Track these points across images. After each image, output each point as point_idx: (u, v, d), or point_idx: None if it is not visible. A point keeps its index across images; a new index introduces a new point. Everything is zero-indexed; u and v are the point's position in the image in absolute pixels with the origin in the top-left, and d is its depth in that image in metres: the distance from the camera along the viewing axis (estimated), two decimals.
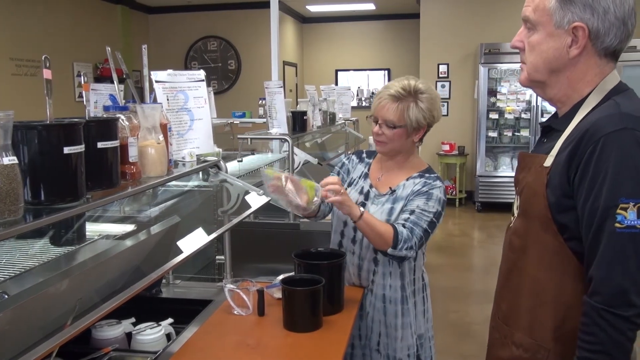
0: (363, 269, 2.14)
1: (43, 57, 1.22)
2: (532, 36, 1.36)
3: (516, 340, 1.42)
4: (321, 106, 4.42)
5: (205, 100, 2.02)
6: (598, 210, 1.23)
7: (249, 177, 3.57)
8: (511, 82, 8.24)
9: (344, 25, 11.06)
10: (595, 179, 1.23)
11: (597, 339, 1.23)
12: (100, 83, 1.87)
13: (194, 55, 10.10)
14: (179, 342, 1.86)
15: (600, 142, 1.23)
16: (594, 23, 1.28)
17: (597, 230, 1.24)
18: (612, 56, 1.35)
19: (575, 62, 1.33)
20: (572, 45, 1.31)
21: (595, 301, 1.23)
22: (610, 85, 1.34)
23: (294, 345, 1.80)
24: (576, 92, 1.36)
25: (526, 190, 1.40)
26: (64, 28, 7.43)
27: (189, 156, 1.92)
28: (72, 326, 1.21)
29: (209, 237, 1.84)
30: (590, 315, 1.24)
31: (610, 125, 1.23)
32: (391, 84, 2.08)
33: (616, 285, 1.21)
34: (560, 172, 1.30)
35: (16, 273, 1.45)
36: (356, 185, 2.20)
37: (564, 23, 1.30)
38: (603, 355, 1.23)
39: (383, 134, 2.07)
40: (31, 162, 1.12)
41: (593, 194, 1.24)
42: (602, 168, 1.22)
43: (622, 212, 1.21)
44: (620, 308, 1.20)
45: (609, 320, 1.21)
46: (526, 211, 1.41)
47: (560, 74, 1.35)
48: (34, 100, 3.55)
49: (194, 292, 2.41)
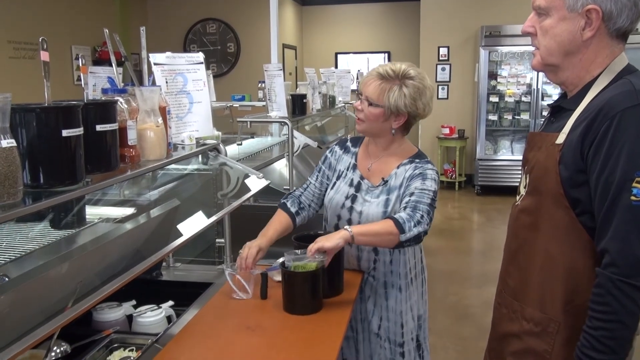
0: (362, 258, 2.14)
1: (40, 39, 1.21)
2: (545, 20, 1.38)
3: (527, 315, 1.45)
4: (321, 89, 4.41)
5: (204, 83, 2.01)
6: (613, 183, 1.25)
7: (248, 161, 3.57)
8: (512, 65, 8.20)
9: (344, 8, 10.98)
10: (610, 153, 1.26)
11: (611, 309, 1.26)
12: (99, 66, 1.86)
13: (192, 38, 10.03)
14: (180, 324, 1.87)
15: (616, 117, 1.25)
16: (607, 5, 1.30)
17: (612, 203, 1.26)
18: (622, 37, 1.37)
19: (588, 44, 1.35)
20: (586, 27, 1.33)
21: (612, 272, 1.25)
22: (619, 66, 1.37)
23: (294, 328, 1.81)
24: (588, 73, 1.39)
25: (537, 168, 1.43)
26: (62, 11, 7.37)
27: (188, 139, 1.92)
28: (73, 309, 1.22)
29: (209, 221, 1.85)
30: (605, 286, 1.26)
31: (626, 101, 1.26)
32: (384, 64, 2.06)
33: (632, 256, 1.24)
34: (574, 148, 1.32)
35: (16, 256, 1.45)
36: (345, 178, 2.16)
37: (577, 6, 1.32)
38: (617, 324, 1.26)
39: (362, 111, 2.05)
40: (30, 145, 1.12)
41: (608, 167, 1.26)
42: (618, 142, 1.25)
43: (637, 186, 1.23)
44: (636, 279, 1.24)
45: (625, 291, 1.24)
46: (537, 188, 1.43)
47: (573, 57, 1.38)
48: (33, 83, 3.53)
49: (194, 275, 2.42)
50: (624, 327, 1.27)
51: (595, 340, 1.28)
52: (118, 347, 1.84)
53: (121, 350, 1.82)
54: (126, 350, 1.82)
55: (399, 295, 2.12)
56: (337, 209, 2.13)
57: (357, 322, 2.17)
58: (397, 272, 2.11)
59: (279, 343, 1.73)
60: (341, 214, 2.13)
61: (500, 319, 1.57)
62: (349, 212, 2.11)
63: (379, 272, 2.12)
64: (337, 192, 2.15)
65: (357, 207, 2.09)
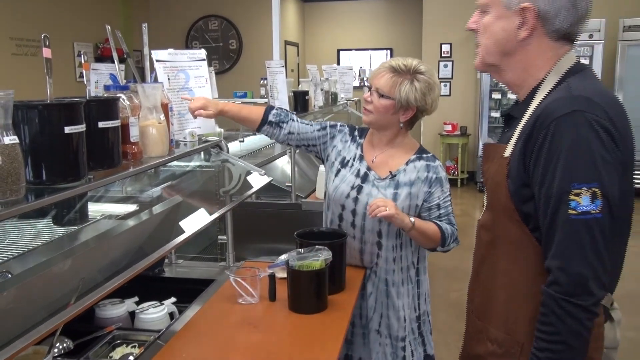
0: (365, 252, 2.14)
1: (42, 35, 1.21)
2: (485, 18, 1.34)
3: (491, 336, 1.39)
4: (323, 86, 4.40)
5: (206, 80, 2.01)
6: (552, 197, 1.20)
7: (250, 158, 3.56)
8: None
9: (346, 4, 10.96)
10: (547, 165, 1.20)
11: (555, 329, 1.20)
12: (101, 63, 1.86)
13: (194, 35, 10.03)
14: (182, 320, 1.87)
15: (551, 126, 1.20)
16: (542, 4, 1.26)
17: (552, 218, 1.20)
18: (566, 39, 1.31)
19: (525, 44, 1.30)
20: (521, 26, 1.28)
21: (554, 290, 1.20)
22: (565, 66, 1.31)
23: (296, 325, 1.82)
24: (531, 76, 1.33)
25: (490, 182, 1.38)
26: (65, 7, 7.37)
27: (190, 136, 1.92)
28: (75, 305, 1.22)
29: (211, 217, 1.85)
30: (549, 305, 1.21)
31: (560, 108, 1.20)
32: (397, 58, 2.08)
33: (574, 274, 1.18)
34: (517, 161, 1.27)
35: (19, 252, 1.46)
36: (351, 168, 2.17)
37: (513, 4, 1.28)
38: (561, 345, 1.20)
39: (371, 102, 2.07)
40: (32, 142, 1.12)
41: (546, 180, 1.21)
42: (554, 153, 1.19)
43: (575, 198, 1.17)
44: (579, 297, 1.18)
45: (568, 310, 1.18)
46: (492, 203, 1.39)
47: (512, 57, 1.33)
48: (35, 80, 3.54)
49: (196, 271, 2.42)
50: (568, 349, 1.20)
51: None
52: (120, 344, 1.84)
53: (123, 347, 1.83)
54: (128, 347, 1.83)
55: (401, 291, 2.12)
56: (342, 199, 2.13)
57: (357, 318, 2.17)
58: (399, 268, 2.11)
59: (281, 340, 1.73)
60: (345, 204, 2.13)
61: (469, 339, 1.50)
62: (354, 202, 2.11)
63: (380, 269, 2.12)
64: (342, 181, 2.15)
65: (362, 198, 2.10)
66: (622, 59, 7.61)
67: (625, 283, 5.26)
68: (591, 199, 1.17)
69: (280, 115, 2.20)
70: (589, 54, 7.82)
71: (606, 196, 1.17)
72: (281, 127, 2.19)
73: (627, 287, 4.78)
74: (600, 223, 1.17)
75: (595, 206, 1.17)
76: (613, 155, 1.19)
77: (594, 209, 1.17)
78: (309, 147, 2.25)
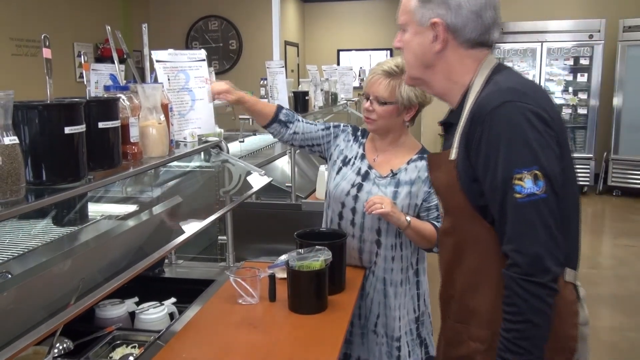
0: (364, 251, 2.14)
1: (42, 36, 1.21)
2: (405, 36, 1.43)
3: (472, 335, 1.41)
4: (323, 86, 4.40)
5: (206, 80, 2.01)
6: (498, 186, 1.26)
7: (250, 158, 3.56)
8: (514, 62, 8.17)
9: (346, 5, 10.96)
10: (488, 157, 1.27)
11: (518, 309, 1.25)
12: (101, 63, 1.86)
13: (194, 35, 10.03)
14: (182, 321, 1.87)
15: (486, 120, 1.27)
16: (449, 18, 1.34)
17: (501, 205, 1.26)
18: (482, 45, 1.39)
19: (442, 56, 1.38)
20: (435, 40, 1.37)
21: (514, 272, 1.25)
22: (487, 69, 1.38)
23: (296, 325, 1.82)
24: (456, 83, 1.41)
25: (442, 189, 1.44)
26: (65, 8, 7.37)
27: (190, 136, 1.92)
28: (75, 305, 1.22)
29: (211, 218, 1.85)
30: (511, 287, 1.26)
31: (491, 102, 1.28)
32: (385, 61, 2.08)
33: (530, 254, 1.24)
34: (463, 160, 1.34)
35: (19, 253, 1.46)
36: (353, 166, 2.18)
37: (424, 21, 1.37)
38: (526, 324, 1.25)
39: (373, 111, 2.07)
40: (32, 142, 1.12)
41: (490, 171, 1.27)
42: (492, 144, 1.26)
43: (519, 183, 1.23)
44: (537, 276, 1.23)
45: (528, 289, 1.24)
46: (449, 208, 1.45)
47: (433, 69, 1.41)
48: (35, 81, 3.54)
49: (196, 272, 2.42)
50: (533, 327, 1.25)
51: (509, 342, 1.27)
52: (120, 344, 1.84)
53: (124, 347, 1.83)
54: (129, 347, 1.83)
55: (399, 291, 2.12)
56: (342, 196, 2.13)
57: (356, 318, 2.17)
58: (398, 267, 2.12)
59: (281, 341, 1.73)
60: (346, 201, 2.13)
61: (447, 345, 1.51)
62: (354, 200, 2.12)
63: (379, 268, 2.12)
64: (343, 178, 2.16)
65: (362, 196, 2.10)
66: (622, 60, 7.62)
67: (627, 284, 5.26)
68: (534, 181, 1.23)
69: (288, 115, 2.22)
70: (589, 54, 7.83)
71: (547, 176, 1.24)
72: (288, 127, 2.21)
73: (630, 288, 4.80)
74: (546, 202, 1.24)
75: (538, 187, 1.23)
76: (547, 136, 1.26)
77: (538, 189, 1.23)
78: (313, 147, 2.25)
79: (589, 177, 7.91)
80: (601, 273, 5.14)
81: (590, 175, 7.91)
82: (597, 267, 5.31)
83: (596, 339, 3.84)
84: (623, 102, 7.66)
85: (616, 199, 7.74)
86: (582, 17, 8.03)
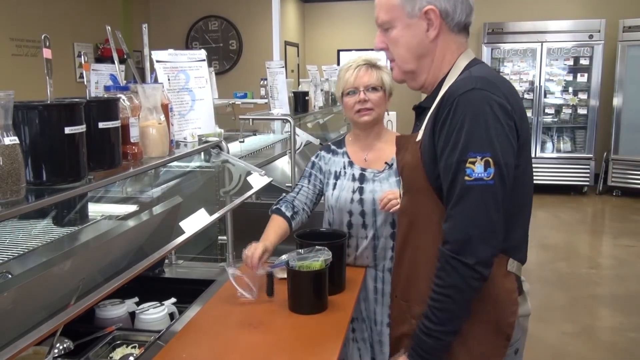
0: (379, 247, 2.15)
1: (42, 36, 1.21)
2: (392, 33, 1.44)
3: (415, 313, 1.45)
4: (323, 86, 4.40)
5: (206, 80, 2.01)
6: (452, 166, 1.30)
7: (250, 158, 3.57)
8: (514, 62, 8.18)
9: (346, 5, 10.96)
10: (449, 137, 1.31)
11: (444, 283, 1.31)
12: (101, 63, 1.86)
13: (195, 35, 10.02)
14: (182, 321, 1.87)
15: (454, 103, 1.31)
16: (440, 3, 1.39)
17: (451, 185, 1.31)
18: (464, 31, 1.45)
19: (436, 43, 1.42)
20: (429, 28, 1.40)
21: (445, 248, 1.31)
22: (464, 61, 1.44)
23: (296, 325, 1.82)
24: (441, 70, 1.45)
25: (406, 168, 1.48)
26: (65, 8, 7.36)
27: (190, 137, 1.92)
28: (76, 305, 1.22)
29: (211, 218, 1.85)
30: (440, 261, 1.32)
31: (462, 87, 1.33)
32: (355, 59, 2.16)
33: (462, 233, 1.29)
34: (428, 141, 1.38)
35: (19, 253, 1.46)
36: (345, 176, 2.19)
37: (415, 11, 1.40)
38: (446, 298, 1.31)
39: (369, 100, 2.11)
40: (32, 143, 1.12)
41: (447, 150, 1.32)
42: (454, 126, 1.30)
43: (470, 166, 1.28)
44: (464, 256, 1.28)
45: (455, 266, 1.29)
46: (410, 188, 1.49)
47: (426, 58, 1.44)
48: (35, 81, 3.54)
49: (196, 272, 2.42)
50: (452, 302, 1.31)
51: (429, 310, 1.34)
52: (121, 344, 1.84)
53: (124, 347, 1.83)
54: (129, 347, 1.83)
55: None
56: (347, 206, 2.14)
57: (359, 321, 2.17)
58: None
59: (281, 341, 1.73)
60: (352, 209, 2.14)
61: (394, 323, 1.59)
62: (360, 204, 2.12)
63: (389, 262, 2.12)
64: (341, 190, 2.16)
65: (367, 196, 2.11)
66: (622, 60, 7.62)
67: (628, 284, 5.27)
68: (484, 167, 1.28)
69: (286, 204, 2.19)
70: (589, 55, 7.83)
71: (498, 164, 1.28)
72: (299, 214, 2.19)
73: (630, 288, 4.80)
74: (492, 189, 1.28)
75: (487, 173, 1.28)
76: (507, 128, 1.30)
77: (487, 176, 1.28)
78: (320, 195, 2.27)
79: (589, 177, 7.91)
80: (601, 273, 5.14)
81: (590, 176, 7.91)
82: (597, 267, 5.31)
83: (596, 339, 3.84)
84: (623, 102, 7.66)
85: (616, 199, 7.74)
86: (582, 17, 8.04)
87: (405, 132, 2.43)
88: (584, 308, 4.36)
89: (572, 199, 7.79)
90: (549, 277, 4.92)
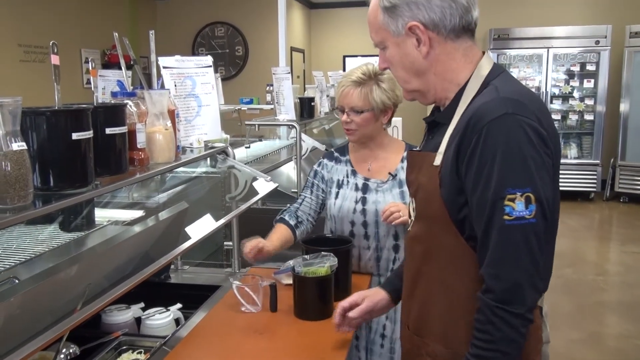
0: (382, 258, 2.14)
1: (51, 42, 1.22)
2: (387, 53, 1.35)
3: (430, 351, 1.35)
4: (329, 92, 4.41)
5: (212, 86, 2.01)
6: (486, 203, 1.18)
7: (256, 164, 3.57)
8: (520, 68, 8.17)
9: (352, 11, 10.98)
10: (481, 170, 1.18)
11: (491, 337, 1.18)
12: (108, 69, 1.87)
13: (201, 42, 10.07)
14: (188, 327, 1.87)
15: (483, 131, 1.18)
16: (424, 15, 1.26)
17: (487, 225, 1.19)
18: (464, 33, 1.30)
19: (433, 57, 1.30)
20: (419, 44, 1.29)
21: (489, 298, 1.18)
22: (485, 70, 1.31)
23: (302, 331, 1.81)
24: (452, 82, 1.32)
25: (421, 192, 1.35)
26: (72, 14, 7.41)
27: (196, 142, 1.92)
28: (82, 311, 1.22)
29: (217, 223, 1.85)
30: (484, 313, 1.19)
31: (492, 112, 1.18)
32: (351, 72, 2.10)
33: (509, 281, 1.17)
34: (450, 168, 1.25)
35: (26, 258, 1.46)
36: (348, 185, 2.19)
37: (399, 29, 1.29)
38: (496, 353, 1.19)
39: (352, 122, 2.08)
40: (40, 148, 1.13)
41: (480, 185, 1.19)
42: (486, 158, 1.17)
43: (510, 204, 1.15)
44: (514, 305, 1.16)
45: (503, 318, 1.17)
46: (424, 214, 1.35)
47: (427, 74, 1.33)
48: (43, 87, 3.56)
49: (202, 277, 2.42)
50: (502, 356, 1.18)
51: None
52: (126, 350, 1.84)
53: (130, 353, 1.83)
54: (134, 353, 1.83)
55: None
56: (349, 215, 2.14)
57: (362, 328, 2.16)
58: None
59: (287, 348, 1.73)
60: (354, 219, 2.13)
61: (406, 355, 1.47)
62: (362, 214, 2.12)
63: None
64: (344, 199, 2.16)
65: (369, 207, 2.10)
66: (629, 66, 7.60)
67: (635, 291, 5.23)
68: (525, 204, 1.16)
69: (290, 214, 2.22)
70: (596, 60, 7.81)
71: (539, 200, 1.16)
72: (303, 224, 2.22)
73: (637, 295, 4.77)
74: (534, 228, 1.16)
75: (529, 211, 1.16)
76: (545, 156, 1.19)
77: (528, 214, 1.16)
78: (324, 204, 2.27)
79: (596, 184, 7.88)
80: (608, 280, 5.11)
81: (597, 182, 7.88)
82: (604, 274, 5.28)
83: (603, 346, 3.81)
84: (630, 108, 7.63)
85: (623, 205, 7.70)
86: (588, 23, 8.02)
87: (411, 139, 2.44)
88: (591, 315, 4.34)
89: (579, 205, 7.76)
90: (555, 284, 4.89)
